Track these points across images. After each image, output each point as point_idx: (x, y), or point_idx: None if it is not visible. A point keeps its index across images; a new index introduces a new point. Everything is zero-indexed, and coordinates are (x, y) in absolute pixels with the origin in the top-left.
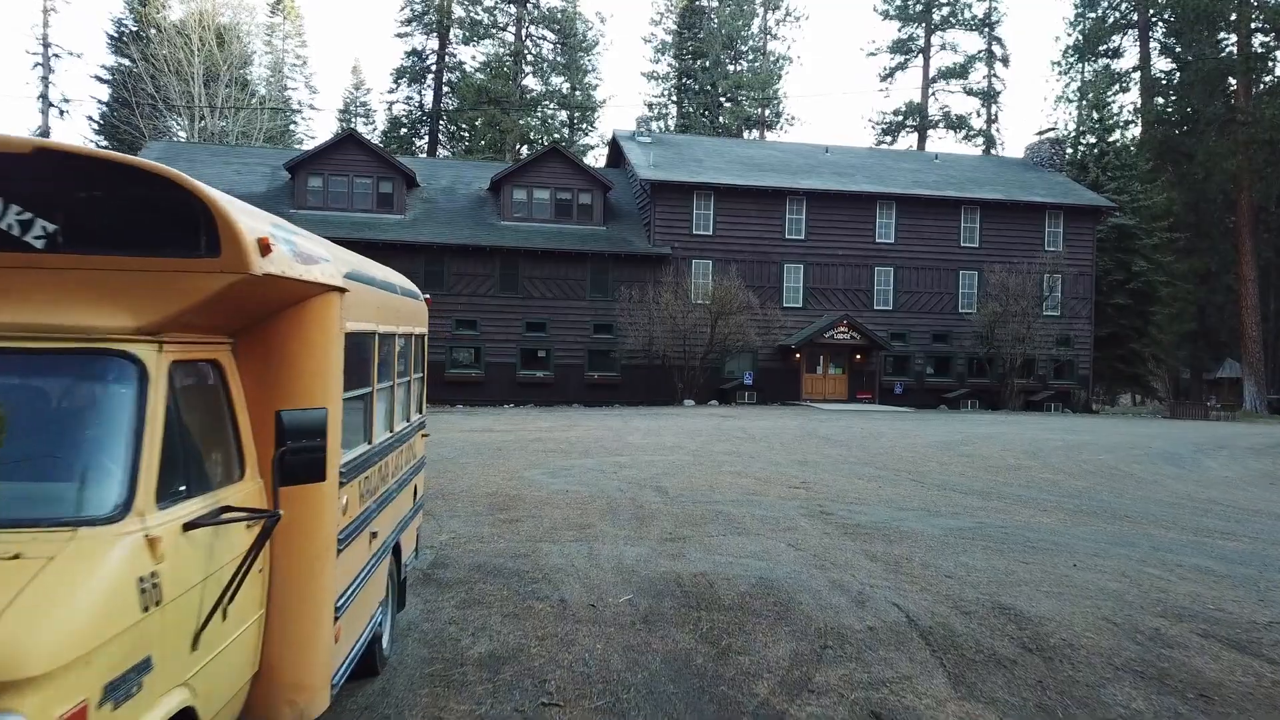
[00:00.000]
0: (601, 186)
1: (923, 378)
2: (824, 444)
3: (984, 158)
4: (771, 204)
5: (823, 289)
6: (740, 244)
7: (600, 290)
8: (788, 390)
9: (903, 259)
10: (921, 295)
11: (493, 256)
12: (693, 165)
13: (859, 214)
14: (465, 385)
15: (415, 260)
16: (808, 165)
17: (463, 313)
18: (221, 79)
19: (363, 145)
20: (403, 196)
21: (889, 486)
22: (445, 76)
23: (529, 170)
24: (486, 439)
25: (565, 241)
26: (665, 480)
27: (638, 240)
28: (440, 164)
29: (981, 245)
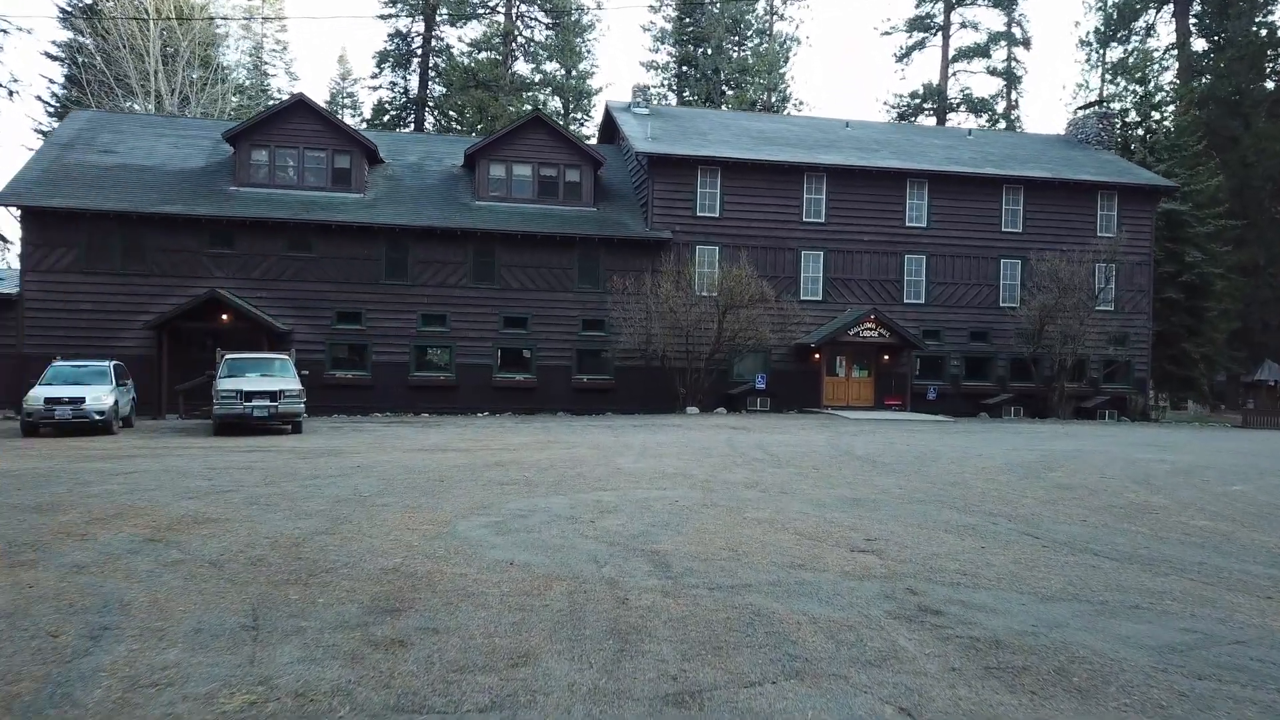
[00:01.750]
0: (591, 162)
1: (959, 381)
2: (869, 469)
3: (1022, 134)
4: (787, 182)
5: (845, 280)
6: (751, 227)
7: (590, 280)
8: (805, 395)
9: (936, 245)
10: (957, 287)
11: (465, 241)
12: (696, 139)
13: (886, 194)
14: (433, 390)
15: (374, 245)
16: (827, 140)
17: (430, 306)
18: (182, 57)
19: (314, 113)
20: (362, 172)
21: (996, 546)
22: (431, 61)
23: (508, 143)
24: (433, 463)
25: (549, 224)
26: (665, 538)
27: (633, 223)
28: (409, 138)
29: (1025, 230)
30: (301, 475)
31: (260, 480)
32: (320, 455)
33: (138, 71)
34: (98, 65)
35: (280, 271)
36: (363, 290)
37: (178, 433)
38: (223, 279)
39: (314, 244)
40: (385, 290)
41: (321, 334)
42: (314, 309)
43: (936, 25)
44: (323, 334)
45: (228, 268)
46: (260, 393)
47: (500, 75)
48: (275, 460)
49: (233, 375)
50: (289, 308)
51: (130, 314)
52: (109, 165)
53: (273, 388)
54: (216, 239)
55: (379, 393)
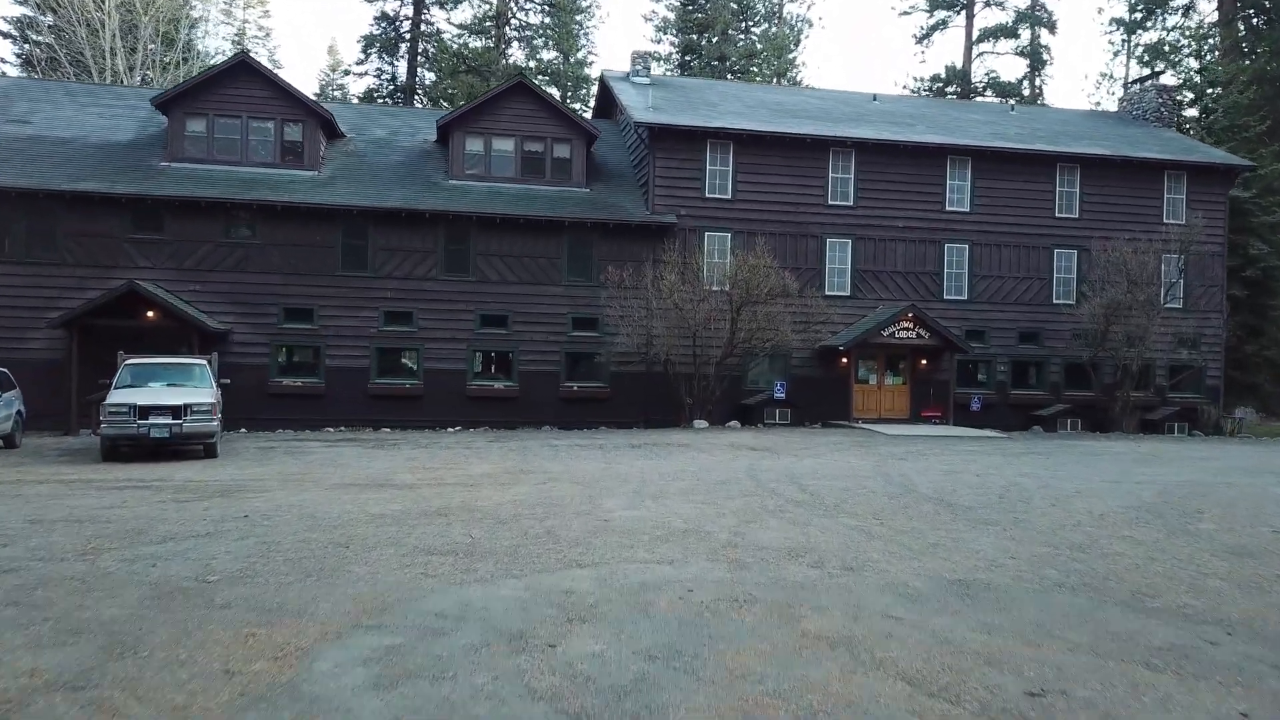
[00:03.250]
0: (584, 135)
1: (1006, 389)
2: (948, 516)
3: (1073, 111)
4: (809, 158)
5: (876, 272)
6: (768, 211)
7: (581, 272)
8: (831, 405)
9: (981, 232)
10: (1005, 280)
11: (436, 226)
12: (704, 110)
13: (924, 173)
14: (397, 400)
15: (329, 230)
16: (853, 114)
17: (394, 302)
18: (143, 34)
19: (260, 76)
20: (317, 146)
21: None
22: (421, 46)
23: (487, 112)
24: (353, 511)
25: (535, 207)
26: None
27: (632, 205)
28: (379, 111)
29: (1082, 215)
30: (152, 535)
31: (81, 544)
32: (211, 495)
33: (94, 49)
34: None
35: (217, 261)
36: (315, 283)
37: (64, 456)
38: (148, 269)
39: (258, 229)
40: (341, 283)
41: (265, 334)
42: (257, 305)
43: (959, 3)
44: (267, 334)
45: (155, 256)
46: (160, 407)
47: (493, 60)
48: (141, 506)
49: (131, 385)
50: (227, 303)
51: (37, 310)
52: (19, 137)
53: (177, 401)
54: (142, 223)
55: (333, 403)
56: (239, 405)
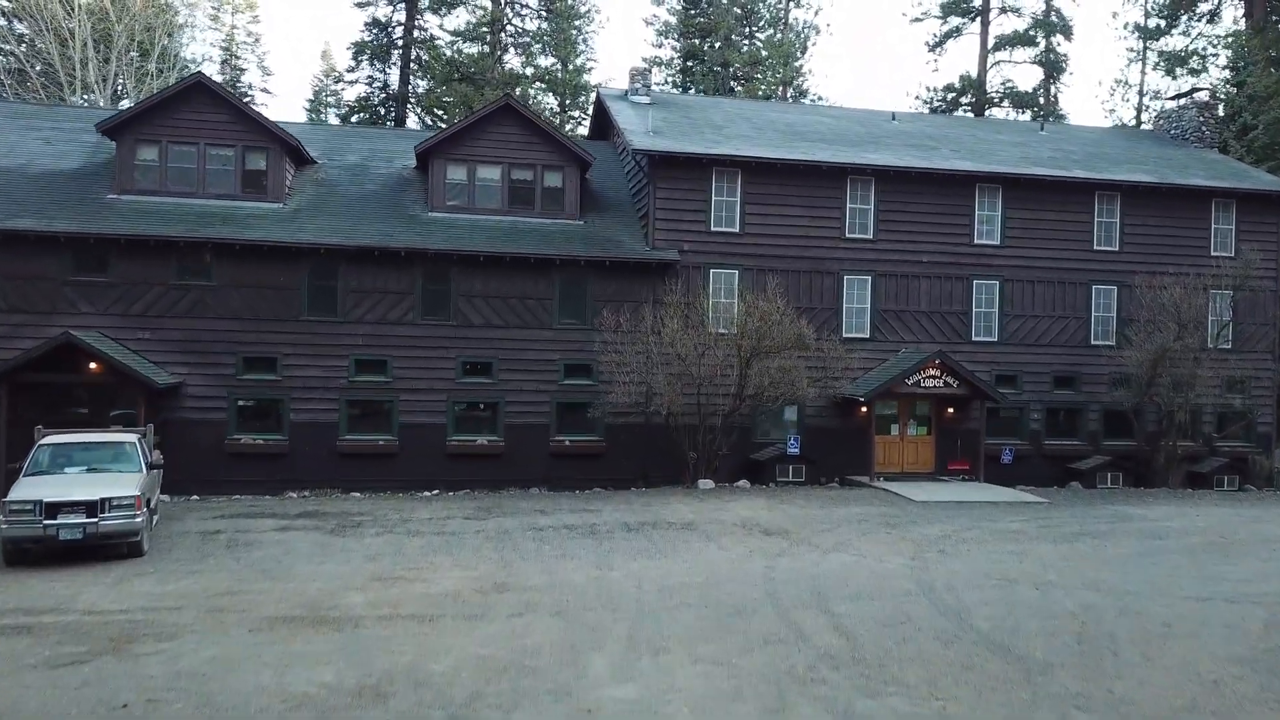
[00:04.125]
0: (577, 162)
1: (1040, 439)
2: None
3: (1106, 129)
4: (825, 187)
5: (899, 311)
6: (780, 245)
7: (574, 313)
8: (849, 458)
9: (1013, 268)
10: (1039, 320)
11: (413, 265)
12: (709, 133)
13: (951, 202)
14: (369, 459)
15: (295, 270)
16: (871, 136)
17: (366, 349)
18: (116, 44)
19: (219, 99)
20: (282, 175)
21: None
22: (414, 53)
23: (470, 138)
24: (262, 701)
25: (523, 243)
26: None
27: (630, 240)
28: (353, 134)
29: (1123, 248)
30: None
31: None
32: (100, 651)
33: (64, 60)
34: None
35: (169, 305)
36: (278, 329)
37: None
38: (91, 316)
39: (214, 269)
40: (308, 329)
41: (222, 386)
42: (213, 354)
43: (974, 9)
44: (224, 386)
45: (98, 301)
46: (73, 504)
47: (487, 68)
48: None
49: (44, 471)
50: (179, 353)
51: None
52: None
53: (94, 495)
54: (84, 263)
55: (298, 462)
56: (192, 467)
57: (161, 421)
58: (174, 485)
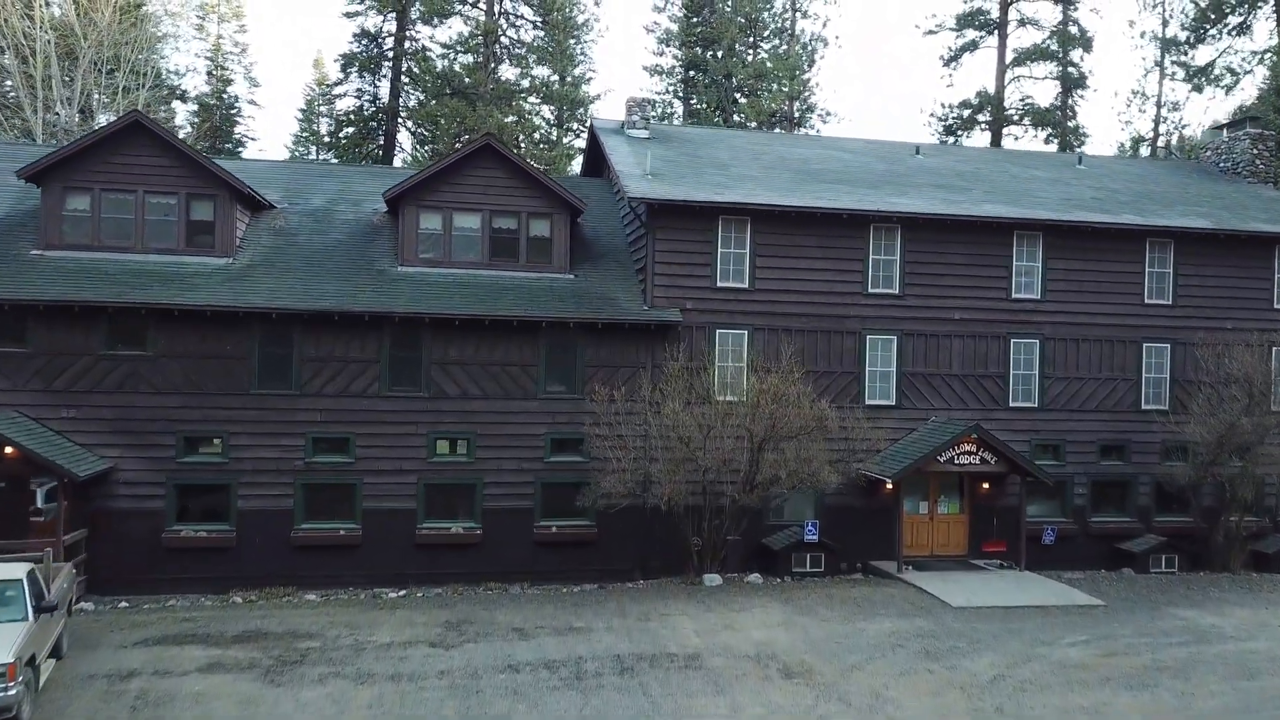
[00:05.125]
0: (566, 209)
1: (1084, 515)
2: None
3: (1149, 161)
4: (845, 236)
5: (928, 375)
6: (795, 302)
7: (562, 381)
8: (873, 539)
9: (1055, 324)
10: (1084, 383)
11: (379, 329)
12: (714, 174)
13: (986, 252)
14: (328, 551)
15: (243, 337)
16: (893, 173)
17: (325, 425)
18: (82, 61)
19: (158, 140)
20: (232, 226)
21: None
22: (405, 65)
23: (447, 181)
24: None
25: (505, 303)
26: None
27: (626, 296)
28: (319, 171)
29: (1177, 301)
30: None
31: None
32: None
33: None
34: None
35: (98, 379)
36: (224, 404)
37: None
38: (7, 392)
39: (151, 337)
40: (258, 403)
41: (160, 471)
42: (149, 434)
43: (991, 23)
44: (161, 471)
45: (16, 375)
46: None
47: (480, 81)
48: None
49: None
50: (110, 432)
51: None
52: None
53: None
54: (1, 331)
55: (247, 556)
56: (124, 564)
57: (90, 513)
58: (103, 585)
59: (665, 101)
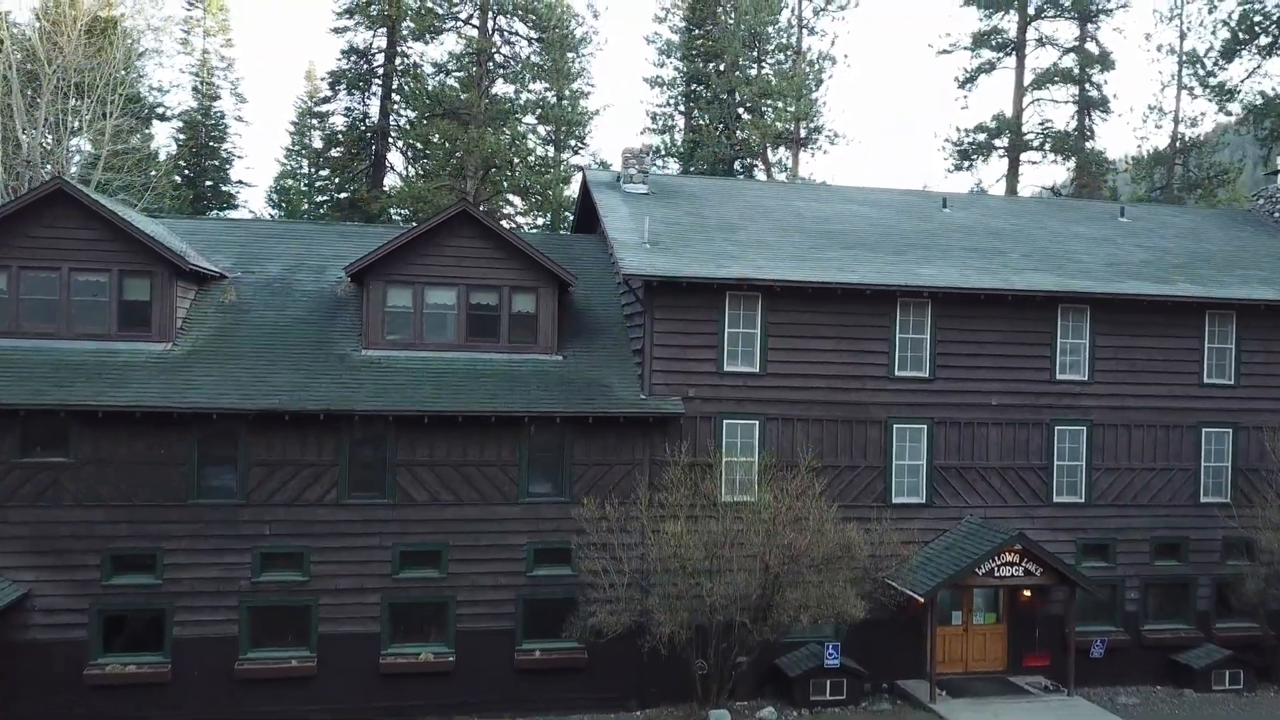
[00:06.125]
0: (553, 281)
1: (1137, 623)
2: None
3: (1195, 212)
4: (868, 313)
5: (961, 468)
6: (812, 388)
7: (547, 481)
8: (901, 655)
9: (1104, 409)
10: (1135, 474)
11: (338, 428)
12: (721, 239)
13: (1026, 328)
14: (279, 684)
15: (181, 440)
16: (919, 231)
17: (276, 539)
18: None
19: (84, 209)
20: (171, 306)
21: None
22: (395, 82)
23: (418, 252)
24: None
25: (483, 390)
26: None
27: (621, 382)
28: (281, 229)
29: (1240, 381)
30: None
31: None
32: None
33: None
34: None
35: (10, 491)
36: (159, 517)
37: None
38: None
39: (74, 441)
40: (198, 515)
41: (83, 595)
42: (71, 553)
43: (1008, 43)
44: (85, 595)
45: None
46: None
47: (473, 101)
48: None
49: None
50: (25, 552)
51: None
52: None
53: None
54: None
55: (183, 691)
56: (40, 706)
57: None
58: None
59: (666, 115)
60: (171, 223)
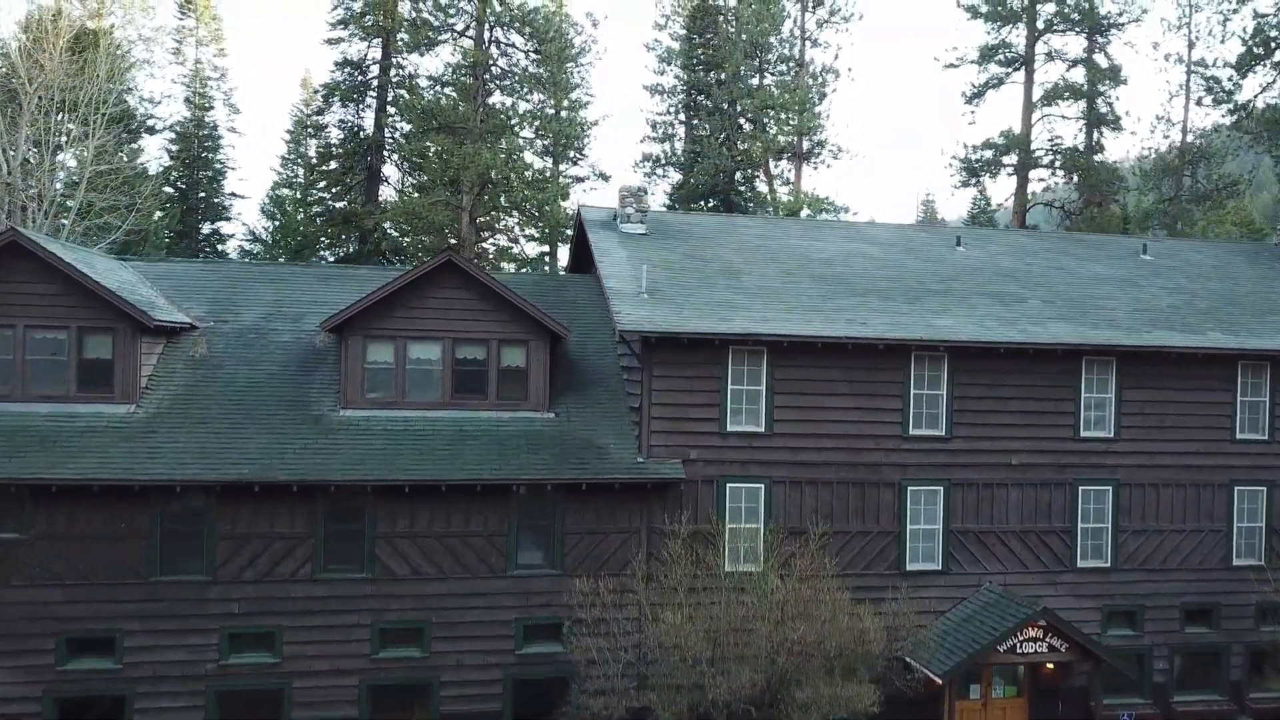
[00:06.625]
0: (545, 334)
1: (1166, 694)
2: None
3: (1218, 246)
4: (879, 367)
5: (979, 533)
6: (821, 448)
7: (538, 548)
8: None
9: (1130, 467)
10: (1164, 536)
11: (310, 499)
12: (723, 286)
13: (1048, 382)
14: None
15: (143, 512)
16: (934, 276)
17: (245, 618)
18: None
19: (42, 263)
20: (134, 365)
21: None
22: (390, 94)
23: (401, 305)
24: None
25: (468, 457)
26: None
27: (618, 443)
28: (259, 271)
29: (1275, 436)
30: None
31: None
32: None
33: None
34: None
35: None
36: (119, 597)
37: None
38: None
39: (27, 515)
40: (161, 594)
41: (35, 683)
42: (23, 636)
43: (1017, 58)
44: (38, 682)
45: None
46: None
47: (468, 115)
48: None
49: None
50: None
51: None
52: None
53: None
54: None
55: None
56: None
57: None
58: None
59: (667, 123)
60: (143, 266)
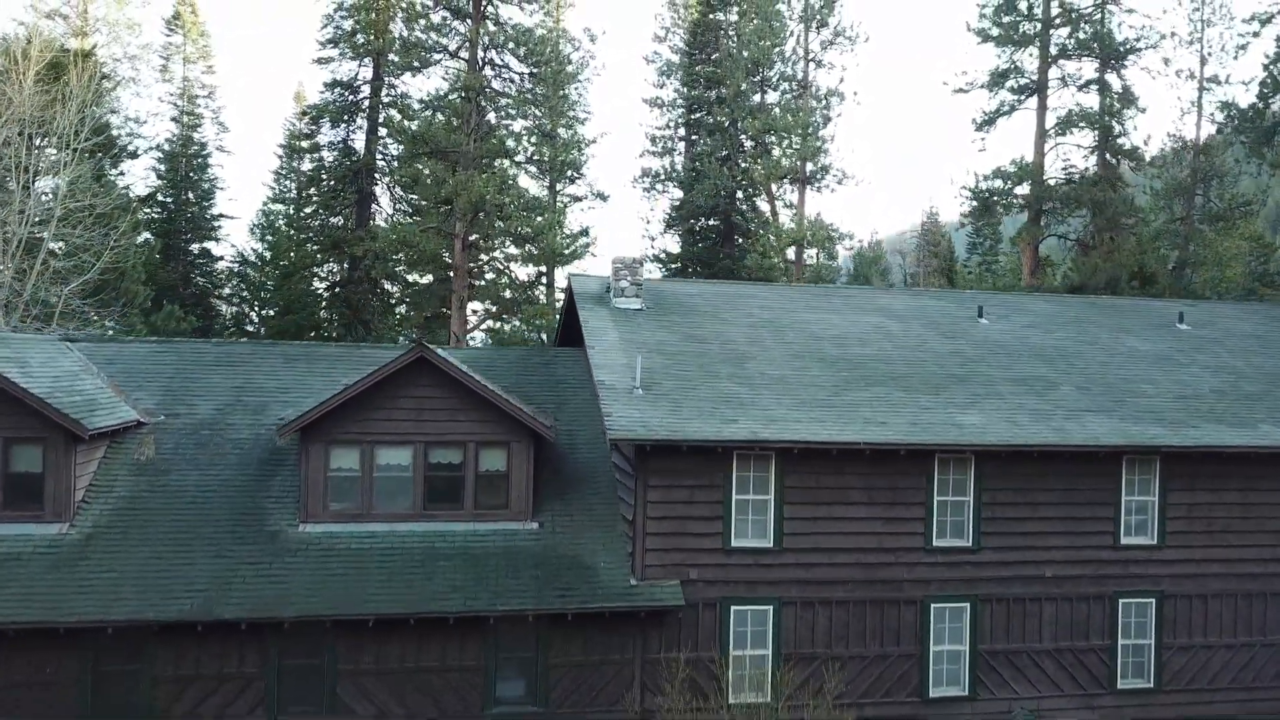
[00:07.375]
0: (527, 434)
1: None
2: None
3: (1263, 310)
4: (900, 473)
5: (1009, 653)
6: (835, 564)
7: (521, 681)
8: None
9: (1176, 576)
10: (1214, 652)
11: (262, 635)
12: (725, 376)
13: (1084, 484)
14: None
15: (72, 655)
16: (957, 358)
17: None
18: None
19: None
20: (68, 479)
21: None
22: (381, 115)
23: (368, 406)
24: None
25: (441, 581)
26: None
27: (608, 560)
28: (210, 355)
29: None
30: None
31: None
32: None
33: None
34: None
35: None
36: None
37: None
38: None
39: None
40: None
41: None
42: None
43: (1029, 86)
44: None
45: None
46: None
47: (460, 140)
48: None
49: None
50: None
51: None
52: None
53: None
54: None
55: None
56: None
57: None
58: None
59: (666, 138)
60: (91, 348)
